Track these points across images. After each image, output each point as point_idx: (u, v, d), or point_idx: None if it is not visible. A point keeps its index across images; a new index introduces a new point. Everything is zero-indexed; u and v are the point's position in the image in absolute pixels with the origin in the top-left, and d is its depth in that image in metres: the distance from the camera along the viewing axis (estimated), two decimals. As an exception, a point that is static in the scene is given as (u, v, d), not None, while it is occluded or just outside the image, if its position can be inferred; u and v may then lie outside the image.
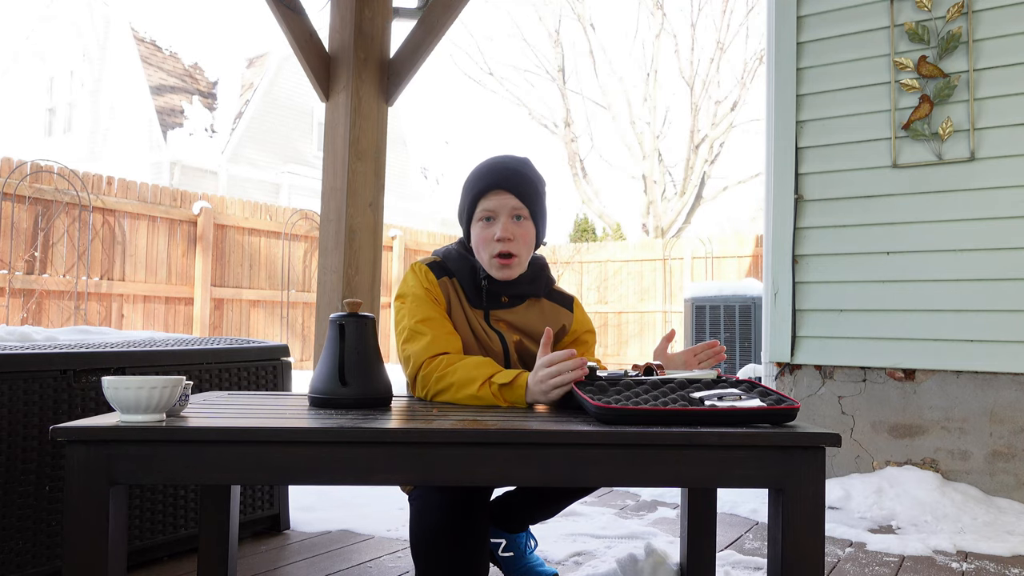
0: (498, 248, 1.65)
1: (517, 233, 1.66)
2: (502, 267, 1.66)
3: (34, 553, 1.84)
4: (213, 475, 1.24)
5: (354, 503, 2.83)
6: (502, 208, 1.65)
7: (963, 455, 3.10)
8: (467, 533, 1.53)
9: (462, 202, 1.74)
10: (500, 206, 1.65)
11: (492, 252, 1.66)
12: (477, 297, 1.71)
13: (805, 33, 3.49)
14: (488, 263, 1.67)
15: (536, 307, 1.79)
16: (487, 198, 1.66)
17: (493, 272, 1.67)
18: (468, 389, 1.53)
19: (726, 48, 17.22)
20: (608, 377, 1.52)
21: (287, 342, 8.72)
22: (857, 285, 3.33)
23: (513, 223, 1.66)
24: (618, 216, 20.15)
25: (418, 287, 1.67)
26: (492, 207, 1.66)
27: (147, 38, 15.21)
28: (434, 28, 3.85)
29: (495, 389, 1.51)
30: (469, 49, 30.59)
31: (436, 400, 1.59)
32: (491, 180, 1.67)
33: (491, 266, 1.67)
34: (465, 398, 1.54)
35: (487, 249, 1.66)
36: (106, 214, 7.47)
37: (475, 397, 1.53)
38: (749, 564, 2.26)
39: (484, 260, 1.68)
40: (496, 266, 1.66)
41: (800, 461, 1.27)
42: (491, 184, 1.66)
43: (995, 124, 3.09)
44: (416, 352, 1.62)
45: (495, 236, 1.64)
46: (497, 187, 1.66)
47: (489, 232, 1.66)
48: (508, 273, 1.68)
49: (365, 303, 3.83)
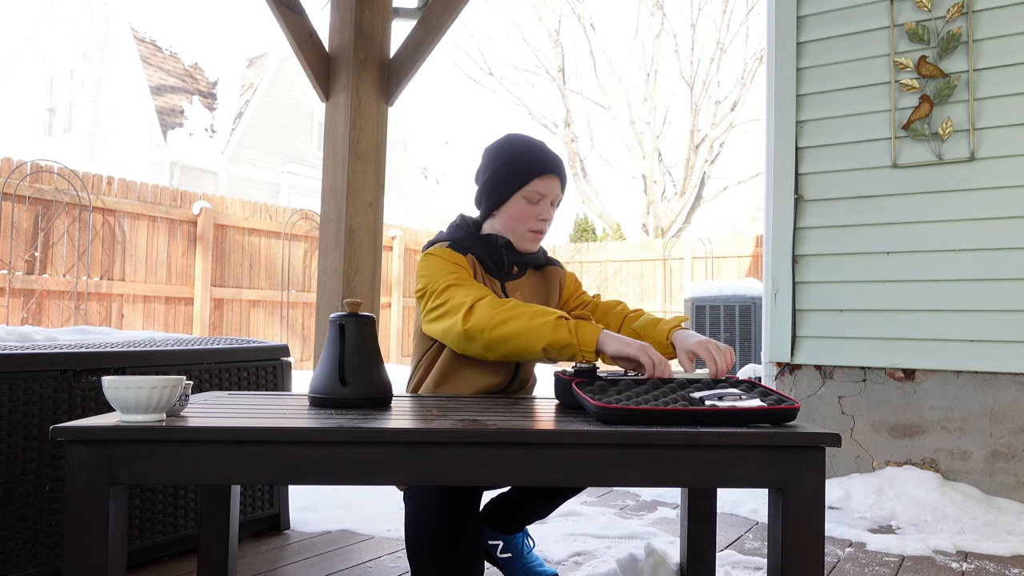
0: (538, 227, 1.81)
1: (551, 217, 1.84)
2: (534, 240, 1.83)
3: (34, 553, 1.84)
4: (213, 475, 1.24)
5: (354, 503, 2.83)
6: (550, 193, 1.80)
7: (963, 455, 3.10)
8: (462, 532, 1.53)
9: (507, 175, 1.78)
10: (549, 191, 1.80)
11: (530, 228, 1.80)
12: (498, 266, 1.81)
13: (805, 33, 3.49)
14: (522, 235, 1.81)
15: (537, 275, 1.92)
16: (542, 180, 1.78)
17: (524, 244, 1.82)
18: (543, 318, 1.55)
19: (726, 48, 17.22)
20: (608, 377, 1.52)
21: (287, 342, 8.72)
22: (857, 285, 3.33)
23: (551, 208, 1.83)
24: (618, 216, 20.16)
25: (445, 262, 1.72)
26: (543, 191, 1.79)
27: (147, 38, 15.21)
28: (434, 28, 3.85)
29: (571, 323, 1.56)
30: (469, 49, 30.59)
31: (500, 331, 1.56)
32: (546, 165, 1.79)
33: (523, 238, 1.81)
34: (539, 325, 1.54)
35: (525, 224, 1.80)
36: (106, 214, 7.47)
37: (549, 324, 1.54)
38: (749, 564, 2.26)
39: (517, 232, 1.80)
40: (530, 239, 1.82)
41: (800, 461, 1.27)
42: (547, 169, 1.79)
43: (995, 124, 3.09)
44: (468, 293, 1.63)
45: (539, 216, 1.80)
46: (551, 172, 1.79)
47: (532, 211, 1.79)
48: (534, 247, 1.85)
49: (365, 303, 3.83)
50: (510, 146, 1.81)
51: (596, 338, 1.54)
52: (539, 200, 1.79)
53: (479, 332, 1.57)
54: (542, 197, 1.79)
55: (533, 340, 1.54)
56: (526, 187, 1.77)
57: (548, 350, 1.55)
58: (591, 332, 1.55)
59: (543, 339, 1.53)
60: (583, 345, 1.53)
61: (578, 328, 1.55)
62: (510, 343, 1.56)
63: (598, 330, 1.55)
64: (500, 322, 1.56)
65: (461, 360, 1.74)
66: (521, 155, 1.79)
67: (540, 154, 1.80)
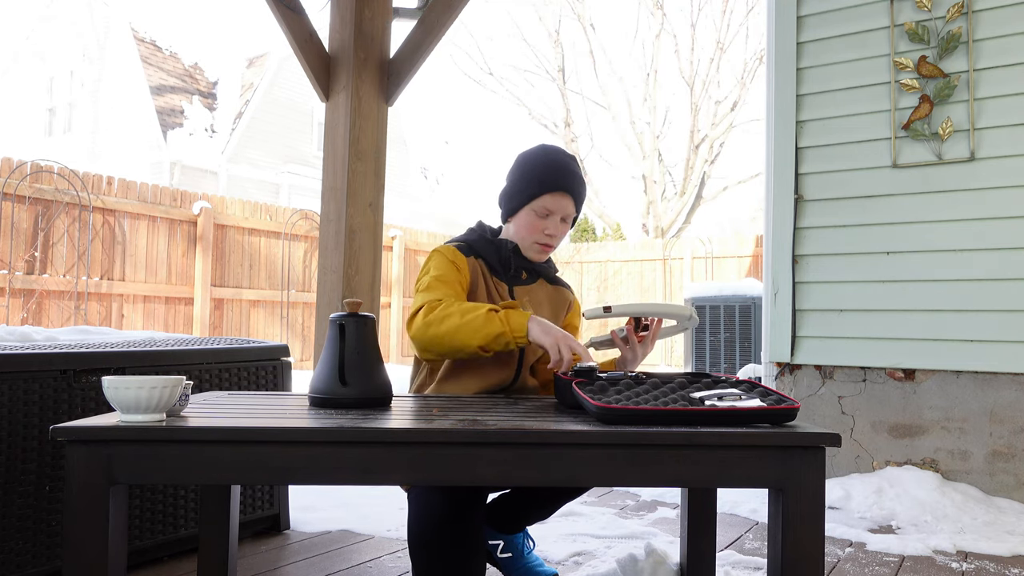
0: (544, 240, 1.84)
1: (561, 232, 1.85)
2: (541, 251, 1.86)
3: (34, 553, 1.84)
4: (213, 475, 1.24)
5: (354, 503, 2.83)
6: (559, 210, 1.82)
7: (963, 455, 3.10)
8: (464, 532, 1.53)
9: (520, 187, 1.83)
10: (559, 208, 1.81)
11: (536, 240, 1.84)
12: (505, 269, 1.85)
13: (805, 33, 3.49)
14: (529, 246, 1.85)
15: (546, 287, 1.94)
16: (552, 196, 1.80)
17: (531, 254, 1.86)
18: (474, 312, 1.59)
19: (726, 48, 17.22)
20: (608, 377, 1.52)
21: (287, 342, 8.72)
22: (857, 285, 3.33)
23: (561, 224, 1.84)
24: (618, 216, 20.16)
25: (444, 259, 1.78)
26: (552, 207, 1.81)
27: (147, 38, 15.21)
28: (434, 28, 3.85)
29: (501, 314, 1.60)
30: (469, 49, 30.59)
31: (433, 331, 1.61)
32: (560, 182, 1.80)
33: (530, 249, 1.85)
34: (471, 320, 1.59)
35: (532, 236, 1.83)
36: (106, 214, 7.47)
37: (480, 318, 1.58)
38: (749, 564, 2.26)
39: (525, 242, 1.85)
40: (536, 250, 1.85)
41: (800, 461, 1.27)
42: (559, 186, 1.80)
43: (995, 124, 3.09)
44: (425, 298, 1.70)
45: (546, 231, 1.82)
46: (563, 190, 1.81)
47: (541, 225, 1.82)
48: (542, 257, 1.89)
49: (365, 303, 3.83)
50: (532, 158, 1.84)
51: (525, 324, 1.59)
52: (548, 215, 1.81)
53: (418, 336, 1.64)
54: (550, 213, 1.81)
55: (468, 335, 1.59)
56: (535, 201, 1.81)
57: (484, 343, 1.59)
58: (521, 319, 1.60)
59: (477, 333, 1.59)
60: (515, 332, 1.59)
61: (508, 317, 1.60)
62: (446, 341, 1.61)
63: (527, 316, 1.61)
64: (435, 321, 1.62)
65: (464, 362, 1.75)
66: (536, 169, 1.82)
67: (555, 171, 1.81)
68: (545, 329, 1.59)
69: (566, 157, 1.85)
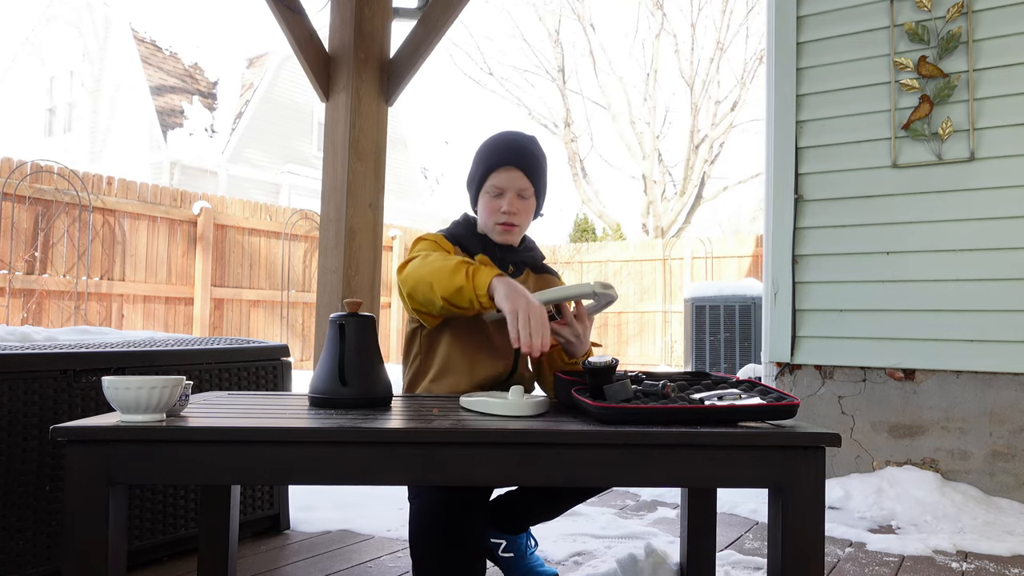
0: (503, 219, 1.79)
1: (520, 208, 1.80)
2: (504, 232, 1.81)
3: (34, 553, 1.84)
4: (213, 475, 1.24)
5: (354, 503, 2.83)
6: (510, 186, 1.78)
7: (963, 455, 3.10)
8: (464, 532, 1.53)
9: (473, 172, 1.84)
10: (509, 184, 1.78)
11: (497, 221, 1.80)
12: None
13: (805, 33, 3.49)
14: (491, 228, 1.82)
15: (532, 278, 1.92)
16: (498, 173, 1.78)
17: (495, 237, 1.82)
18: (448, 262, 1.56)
19: (726, 48, 17.22)
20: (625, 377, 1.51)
21: (287, 342, 8.72)
22: (857, 285, 3.33)
23: (518, 200, 1.80)
24: (618, 216, 20.14)
25: (430, 242, 1.77)
26: (501, 184, 1.78)
27: (147, 38, 15.21)
28: (434, 28, 3.85)
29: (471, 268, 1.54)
30: (469, 49, 30.58)
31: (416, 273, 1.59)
32: (503, 157, 1.78)
33: (494, 231, 1.82)
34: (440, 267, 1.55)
35: (492, 218, 1.80)
36: (106, 214, 7.47)
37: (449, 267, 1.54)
38: (749, 564, 2.26)
39: (487, 226, 1.82)
40: (499, 231, 1.81)
41: (800, 461, 1.27)
42: (503, 160, 1.78)
43: (995, 124, 3.09)
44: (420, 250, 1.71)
45: (501, 209, 1.78)
46: (508, 164, 1.78)
47: (496, 204, 1.79)
48: (509, 238, 1.83)
49: (365, 303, 3.83)
50: (482, 144, 1.84)
51: (488, 282, 1.50)
52: (500, 193, 1.78)
53: (403, 280, 1.64)
54: (503, 191, 1.78)
55: (437, 283, 1.54)
56: (486, 183, 1.80)
57: (446, 294, 1.53)
58: (485, 276, 1.51)
59: (442, 283, 1.54)
60: (477, 289, 1.51)
61: (476, 273, 1.53)
62: (421, 287, 1.58)
63: (493, 274, 1.52)
64: (417, 267, 1.61)
65: (456, 354, 1.74)
66: (482, 152, 1.82)
67: (499, 148, 1.79)
68: (511, 293, 1.47)
69: (513, 134, 1.82)
